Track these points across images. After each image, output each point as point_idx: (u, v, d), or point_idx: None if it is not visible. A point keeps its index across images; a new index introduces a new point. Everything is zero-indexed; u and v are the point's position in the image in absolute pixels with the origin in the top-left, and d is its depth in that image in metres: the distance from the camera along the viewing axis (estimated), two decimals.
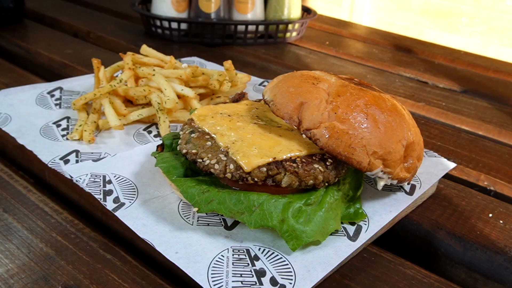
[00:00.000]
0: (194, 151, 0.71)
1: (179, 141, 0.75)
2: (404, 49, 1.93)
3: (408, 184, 0.83)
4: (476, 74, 1.69)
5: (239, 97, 0.87)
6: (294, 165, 0.68)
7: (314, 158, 0.70)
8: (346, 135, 0.69)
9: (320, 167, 0.69)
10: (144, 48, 1.11)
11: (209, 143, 0.71)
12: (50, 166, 0.84)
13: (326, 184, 0.71)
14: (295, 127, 0.73)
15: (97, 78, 1.03)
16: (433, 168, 0.90)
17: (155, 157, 0.77)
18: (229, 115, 0.79)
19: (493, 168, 1.04)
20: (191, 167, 0.74)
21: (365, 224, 0.73)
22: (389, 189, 0.83)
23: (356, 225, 0.73)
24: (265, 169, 0.67)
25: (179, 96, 1.00)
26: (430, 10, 3.65)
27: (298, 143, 0.72)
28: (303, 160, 0.69)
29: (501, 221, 0.85)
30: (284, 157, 0.69)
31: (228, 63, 1.07)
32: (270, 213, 0.65)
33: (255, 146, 0.70)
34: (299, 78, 0.77)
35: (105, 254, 0.72)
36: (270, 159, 0.68)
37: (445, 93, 1.46)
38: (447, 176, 0.95)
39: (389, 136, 0.71)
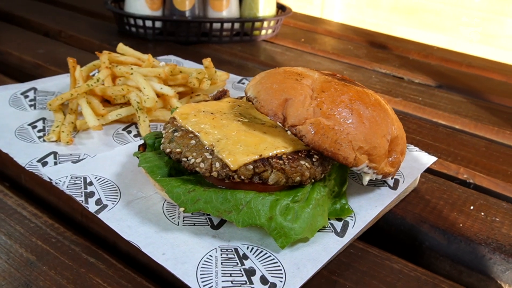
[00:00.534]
0: (178, 150, 0.70)
1: (162, 140, 0.73)
2: (378, 45, 1.94)
3: (392, 178, 0.83)
4: (450, 69, 1.71)
5: (221, 95, 0.86)
6: (281, 162, 0.67)
7: (300, 154, 0.70)
8: (332, 131, 0.68)
9: (306, 164, 0.69)
10: (121, 47, 1.09)
11: (193, 141, 0.70)
12: (27, 168, 0.81)
13: (313, 180, 0.70)
14: (280, 124, 0.72)
15: (73, 77, 1.00)
16: (415, 162, 0.91)
17: (137, 157, 0.76)
18: (212, 113, 0.78)
19: (471, 161, 1.06)
20: (175, 167, 0.72)
21: (352, 220, 0.73)
22: (373, 184, 0.83)
23: (343, 221, 0.73)
24: (251, 166, 0.66)
25: (158, 95, 0.99)
26: (399, 7, 3.69)
27: (283, 139, 0.72)
28: (289, 157, 0.68)
29: (482, 213, 0.86)
30: (270, 154, 0.68)
31: (208, 61, 1.06)
32: (258, 211, 0.65)
33: (240, 143, 0.69)
34: (282, 74, 0.76)
35: (88, 257, 0.70)
36: (256, 157, 0.67)
37: (421, 88, 1.48)
38: (428, 170, 0.96)
39: (374, 131, 0.71)
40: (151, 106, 0.93)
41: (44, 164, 0.82)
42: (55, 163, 0.82)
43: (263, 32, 1.82)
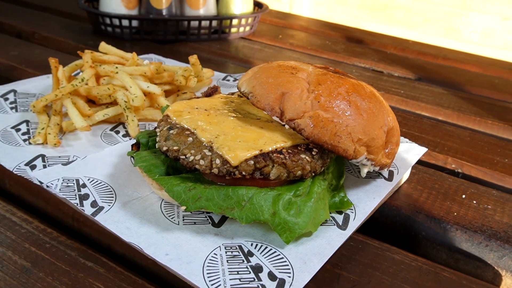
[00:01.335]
0: (175, 147, 0.68)
1: (157, 138, 0.72)
2: (355, 40, 1.96)
3: (387, 170, 0.84)
4: (427, 62, 1.74)
5: (212, 91, 0.85)
6: (281, 156, 0.66)
7: (299, 148, 0.69)
8: (331, 123, 0.68)
9: (307, 157, 0.68)
10: (103, 46, 1.06)
11: (190, 138, 0.69)
12: (15, 172, 0.78)
13: (313, 174, 0.70)
14: (277, 118, 0.71)
15: (55, 78, 0.97)
16: (407, 154, 0.91)
17: (132, 157, 0.74)
18: (206, 110, 0.76)
19: (458, 151, 1.07)
20: (173, 165, 0.71)
21: (352, 212, 0.73)
22: (369, 176, 0.83)
23: (343, 213, 0.73)
24: (252, 162, 0.65)
25: (145, 94, 0.96)
26: (368, 4, 3.74)
27: (281, 134, 0.71)
28: (289, 151, 0.68)
29: (474, 201, 0.87)
30: (270, 149, 0.67)
31: (194, 58, 1.04)
32: (261, 206, 0.64)
33: (239, 139, 0.68)
34: (277, 68, 0.75)
35: (85, 262, 0.68)
36: (257, 152, 0.66)
37: (402, 81, 1.50)
38: (417, 161, 0.97)
39: (371, 123, 0.71)
40: (140, 105, 0.91)
41: (33, 167, 0.79)
42: (44, 166, 0.80)
43: (241, 29, 1.81)
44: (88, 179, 0.75)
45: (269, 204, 0.64)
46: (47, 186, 0.73)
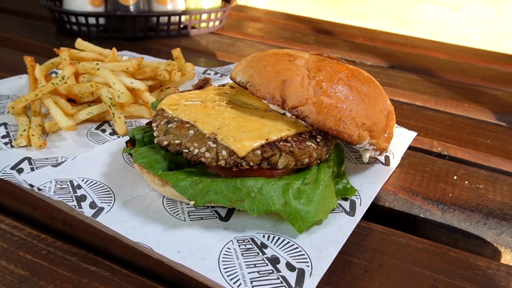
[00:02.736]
0: (177, 141, 0.65)
1: (156, 133, 0.69)
2: (324, 32, 1.96)
3: (384, 154, 0.84)
4: (397, 51, 1.76)
5: (203, 84, 0.82)
6: (288, 144, 0.65)
7: (304, 136, 0.68)
8: (335, 109, 0.67)
9: (313, 145, 0.67)
10: (80, 42, 1.02)
11: (191, 131, 0.66)
12: (1, 177, 0.73)
13: (318, 161, 0.69)
14: (278, 107, 0.70)
15: (32, 78, 0.92)
16: (398, 138, 0.92)
17: (130, 154, 0.71)
18: (202, 102, 0.74)
19: (441, 134, 1.09)
20: (174, 160, 0.68)
21: (357, 198, 0.73)
22: (367, 162, 0.83)
23: (349, 200, 0.72)
24: (259, 152, 0.63)
25: (129, 90, 0.93)
26: None
27: (283, 122, 0.69)
28: (295, 139, 0.66)
29: (466, 182, 0.88)
30: (275, 137, 0.65)
31: (177, 51, 1.01)
32: (271, 197, 0.62)
33: (243, 129, 0.66)
34: (274, 56, 0.74)
35: (88, 266, 0.64)
36: (263, 141, 0.64)
37: (376, 69, 1.51)
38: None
39: (373, 107, 0.71)
40: (126, 101, 0.87)
41: (20, 171, 0.74)
42: (32, 169, 0.75)
43: (211, 24, 1.78)
44: (83, 180, 0.71)
45: (279, 194, 0.63)
46: (39, 189, 0.69)
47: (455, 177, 0.90)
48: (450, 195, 0.84)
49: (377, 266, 0.66)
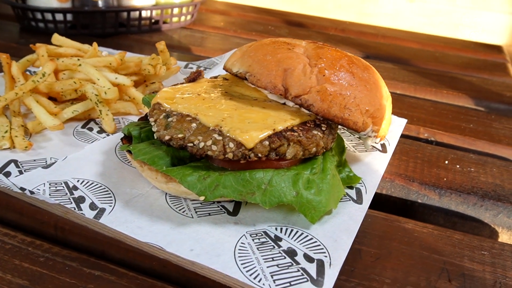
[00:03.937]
0: (180, 135, 0.63)
1: (155, 128, 0.66)
2: (295, 24, 1.96)
3: (382, 141, 0.83)
4: (369, 41, 1.78)
5: (196, 76, 0.80)
6: (296, 134, 0.63)
7: (308, 125, 0.66)
8: (339, 96, 0.66)
9: (319, 133, 0.65)
10: (57, 38, 0.97)
11: (194, 124, 0.64)
12: None
13: (324, 150, 0.67)
14: (278, 97, 0.68)
15: (9, 76, 0.87)
16: (391, 126, 0.92)
17: (128, 151, 0.67)
18: (198, 94, 0.71)
19: (426, 121, 1.10)
20: (176, 155, 0.65)
21: (362, 186, 0.72)
22: (364, 150, 0.82)
23: (354, 188, 0.71)
24: (267, 142, 0.62)
25: (113, 85, 0.89)
26: None
27: (285, 112, 0.68)
28: (301, 128, 0.65)
29: (457, 166, 0.89)
30: (281, 127, 0.64)
31: (162, 45, 0.98)
32: (282, 188, 0.60)
33: (247, 120, 0.64)
34: (272, 45, 0.72)
35: (91, 271, 0.61)
36: (270, 132, 0.62)
37: None
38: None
39: (374, 94, 0.70)
40: (113, 97, 0.83)
41: (7, 174, 0.70)
42: (20, 172, 0.71)
43: (182, 18, 1.74)
44: (78, 181, 0.67)
45: (289, 185, 0.61)
46: (32, 193, 0.65)
47: (446, 162, 0.91)
48: (445, 179, 0.85)
49: (386, 252, 0.66)
